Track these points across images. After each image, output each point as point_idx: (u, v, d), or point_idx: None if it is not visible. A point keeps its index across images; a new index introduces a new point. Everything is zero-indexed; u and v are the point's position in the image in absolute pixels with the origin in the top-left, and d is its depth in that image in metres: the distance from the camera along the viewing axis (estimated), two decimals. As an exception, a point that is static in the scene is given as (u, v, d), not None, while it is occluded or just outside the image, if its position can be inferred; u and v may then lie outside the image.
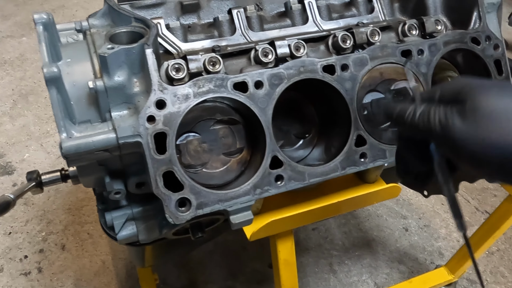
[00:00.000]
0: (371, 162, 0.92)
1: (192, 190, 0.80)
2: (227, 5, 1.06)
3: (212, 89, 0.82)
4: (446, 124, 0.57)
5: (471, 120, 0.55)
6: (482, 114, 0.54)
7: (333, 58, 0.90)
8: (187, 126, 0.88)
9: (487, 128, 0.54)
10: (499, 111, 0.54)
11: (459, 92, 0.59)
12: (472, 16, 1.03)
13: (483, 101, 0.55)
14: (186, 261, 1.80)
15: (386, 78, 0.95)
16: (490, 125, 0.53)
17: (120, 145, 0.78)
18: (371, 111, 0.94)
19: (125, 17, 0.90)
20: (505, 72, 1.02)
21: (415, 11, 1.12)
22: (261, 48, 0.92)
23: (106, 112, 0.83)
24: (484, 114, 0.54)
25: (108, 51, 0.79)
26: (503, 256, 1.86)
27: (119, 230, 0.96)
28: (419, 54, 0.95)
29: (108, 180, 0.88)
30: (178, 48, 0.97)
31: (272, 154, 0.85)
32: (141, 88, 0.83)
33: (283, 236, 1.00)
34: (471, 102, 0.56)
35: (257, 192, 0.84)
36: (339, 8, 1.13)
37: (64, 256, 1.86)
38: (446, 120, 0.57)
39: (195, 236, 0.93)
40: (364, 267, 1.81)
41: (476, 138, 0.54)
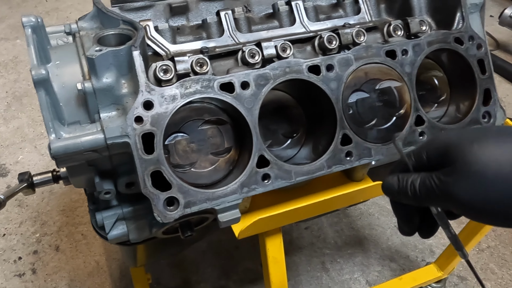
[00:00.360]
0: (357, 161, 0.94)
1: (180, 189, 0.82)
2: (215, 7, 1.08)
3: (199, 89, 0.84)
4: (446, 191, 0.60)
5: (466, 182, 0.58)
6: (475, 174, 0.57)
7: (319, 59, 0.92)
8: (175, 126, 0.90)
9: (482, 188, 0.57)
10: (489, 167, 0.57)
11: (445, 154, 0.63)
12: (455, 16, 1.05)
13: (471, 161, 0.58)
14: (179, 260, 1.81)
15: (371, 77, 0.96)
16: (485, 184, 0.57)
17: (108, 145, 0.80)
18: (356, 110, 0.95)
19: (113, 19, 0.92)
20: (488, 71, 1.03)
21: (401, 12, 1.14)
22: (248, 49, 0.94)
23: (95, 113, 0.85)
24: (477, 173, 0.57)
25: (96, 53, 0.80)
26: (493, 253, 1.89)
27: (110, 229, 0.97)
28: (403, 54, 0.97)
29: (97, 180, 0.89)
30: (166, 49, 0.99)
31: (259, 153, 0.87)
32: (129, 89, 0.84)
33: (271, 234, 1.02)
34: (459, 164, 0.59)
35: (244, 190, 0.86)
36: (326, 9, 1.15)
37: (58, 257, 1.86)
38: (444, 186, 0.60)
39: (184, 235, 0.94)
40: (356, 265, 1.83)
41: (477, 198, 0.57)
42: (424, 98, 1.09)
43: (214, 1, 1.08)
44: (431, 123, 0.99)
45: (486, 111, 1.04)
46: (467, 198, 0.58)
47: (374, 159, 0.95)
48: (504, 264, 1.85)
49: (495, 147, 0.58)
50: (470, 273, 1.81)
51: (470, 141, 0.60)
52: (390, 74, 0.97)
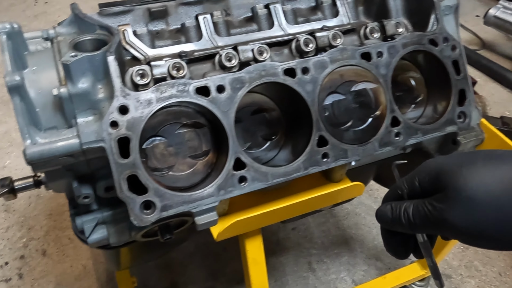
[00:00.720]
0: (333, 162, 0.95)
1: (157, 193, 0.82)
2: (194, 11, 1.09)
3: (174, 94, 0.85)
4: (439, 217, 0.62)
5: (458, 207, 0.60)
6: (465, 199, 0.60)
7: (294, 62, 0.93)
8: (153, 130, 0.91)
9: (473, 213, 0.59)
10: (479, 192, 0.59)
11: (436, 180, 0.65)
12: (430, 18, 1.07)
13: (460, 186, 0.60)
14: (166, 263, 1.82)
15: (347, 80, 0.98)
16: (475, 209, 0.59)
17: (84, 150, 0.80)
18: (332, 112, 0.97)
19: (90, 25, 0.92)
20: (463, 72, 1.05)
21: (379, 14, 1.16)
22: (225, 53, 0.95)
23: (72, 118, 0.85)
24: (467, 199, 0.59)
25: (71, 58, 0.81)
26: (478, 251, 1.91)
27: (90, 234, 0.98)
28: (378, 56, 0.99)
29: (75, 185, 0.90)
30: (145, 54, 0.99)
31: (235, 156, 0.88)
32: (105, 94, 0.85)
33: (251, 236, 1.03)
34: (450, 190, 0.62)
35: (221, 193, 0.87)
36: (305, 12, 1.16)
37: (45, 261, 1.86)
38: (437, 213, 0.62)
39: (163, 238, 0.95)
40: (342, 264, 1.84)
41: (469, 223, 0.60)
42: (402, 99, 1.11)
43: (193, 5, 1.09)
44: (407, 124, 1.01)
45: (461, 111, 1.06)
46: (459, 223, 0.60)
47: (351, 160, 0.96)
48: (488, 261, 1.87)
49: (483, 171, 0.61)
50: (455, 272, 1.83)
51: (459, 166, 0.63)
52: (366, 76, 0.98)
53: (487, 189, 0.59)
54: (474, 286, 1.78)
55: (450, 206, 0.61)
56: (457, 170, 0.62)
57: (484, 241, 0.62)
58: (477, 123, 1.11)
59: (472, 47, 3.38)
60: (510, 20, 3.00)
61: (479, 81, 2.94)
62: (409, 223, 0.67)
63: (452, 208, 0.60)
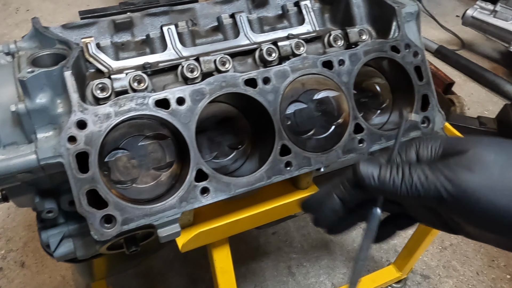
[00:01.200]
0: (296, 170, 0.95)
1: (117, 207, 0.82)
2: (160, 22, 1.09)
3: (133, 107, 0.85)
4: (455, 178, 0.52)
5: (481, 168, 0.52)
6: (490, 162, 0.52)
7: (255, 72, 0.94)
8: (115, 143, 0.91)
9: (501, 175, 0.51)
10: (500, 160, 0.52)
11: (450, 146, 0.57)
12: (391, 25, 1.08)
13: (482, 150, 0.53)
14: (146, 270, 1.81)
15: (309, 88, 0.98)
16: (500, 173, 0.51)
17: (42, 166, 0.80)
18: (295, 121, 0.98)
19: (49, 39, 0.92)
20: (425, 77, 1.07)
21: (344, 21, 1.17)
22: (187, 64, 0.95)
23: (32, 134, 0.85)
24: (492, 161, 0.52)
25: (28, 74, 0.80)
26: (456, 251, 1.93)
27: (56, 248, 0.97)
28: (340, 64, 1.00)
29: (37, 200, 0.90)
30: (109, 66, 0.99)
31: (197, 167, 0.88)
32: (65, 109, 0.85)
33: (218, 245, 1.03)
34: (472, 152, 0.53)
35: (183, 205, 0.87)
36: (272, 21, 1.17)
37: (24, 273, 1.85)
38: (453, 173, 0.52)
39: (129, 250, 0.95)
40: (322, 268, 1.85)
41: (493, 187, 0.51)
42: (367, 104, 1.13)
43: (159, 16, 1.09)
44: (370, 130, 1.02)
45: (425, 116, 1.07)
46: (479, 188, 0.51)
47: (314, 168, 0.97)
48: (466, 261, 1.89)
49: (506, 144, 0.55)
50: (433, 272, 1.85)
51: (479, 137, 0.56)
52: (328, 84, 0.99)
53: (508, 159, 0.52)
54: (452, 286, 1.80)
55: (470, 167, 0.52)
56: (477, 139, 0.56)
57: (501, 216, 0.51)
58: (441, 127, 1.13)
59: (452, 47, 3.42)
60: (487, 20, 3.04)
61: (458, 81, 2.98)
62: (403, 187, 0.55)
63: (472, 170, 0.52)
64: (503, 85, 2.88)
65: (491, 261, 1.90)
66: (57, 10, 3.88)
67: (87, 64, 0.97)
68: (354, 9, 1.14)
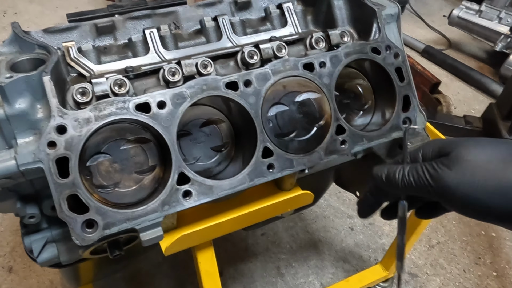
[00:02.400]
0: (279, 172, 0.96)
1: (98, 211, 0.82)
2: (142, 25, 1.09)
3: (114, 111, 0.85)
4: (436, 175, 0.66)
5: (458, 167, 0.64)
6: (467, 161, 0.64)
7: (236, 75, 0.94)
8: (97, 147, 0.90)
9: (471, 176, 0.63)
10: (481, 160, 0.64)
11: (441, 148, 0.70)
12: (372, 27, 1.09)
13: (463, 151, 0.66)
14: (134, 273, 1.81)
15: (290, 90, 0.99)
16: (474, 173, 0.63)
17: (22, 171, 0.80)
18: (277, 123, 0.98)
19: (29, 44, 0.92)
20: (406, 78, 1.08)
21: (326, 23, 1.18)
22: (168, 67, 0.95)
23: (12, 139, 0.84)
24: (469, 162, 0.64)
25: (6, 80, 0.80)
26: (443, 249, 1.95)
27: (39, 253, 0.97)
28: (321, 66, 1.00)
29: (19, 206, 0.89)
30: (91, 70, 0.99)
31: (179, 171, 0.88)
32: (45, 114, 0.85)
33: (202, 248, 1.03)
34: (454, 153, 0.66)
35: (165, 208, 0.87)
36: (255, 23, 1.17)
37: (11, 278, 1.83)
38: (436, 172, 0.66)
39: (112, 254, 0.95)
40: (311, 268, 1.86)
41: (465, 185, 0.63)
42: (350, 106, 1.13)
43: (141, 19, 1.09)
44: (352, 132, 1.02)
45: (406, 117, 1.09)
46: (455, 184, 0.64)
47: (296, 169, 0.97)
48: (453, 258, 1.91)
49: (486, 145, 0.66)
50: (421, 270, 1.87)
51: (464, 140, 0.68)
52: (309, 86, 1.00)
53: (487, 158, 0.64)
54: (439, 283, 1.82)
55: (449, 166, 0.65)
56: (463, 141, 0.68)
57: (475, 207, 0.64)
58: (423, 127, 1.14)
59: (439, 47, 3.46)
60: (473, 20, 3.07)
61: (445, 80, 3.01)
62: (401, 181, 0.71)
63: (450, 168, 0.65)
64: (489, 84, 2.91)
65: (478, 259, 1.92)
66: (45, 13, 3.86)
67: (69, 68, 0.96)
68: (336, 11, 1.15)
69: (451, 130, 2.30)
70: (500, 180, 0.61)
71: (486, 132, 2.28)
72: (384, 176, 0.75)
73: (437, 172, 0.66)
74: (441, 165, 0.66)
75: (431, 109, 2.54)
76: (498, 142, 0.67)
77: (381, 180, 0.76)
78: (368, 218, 0.87)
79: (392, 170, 0.73)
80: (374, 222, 2.06)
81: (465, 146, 0.66)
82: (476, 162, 0.64)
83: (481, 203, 0.63)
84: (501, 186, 0.61)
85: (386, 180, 0.75)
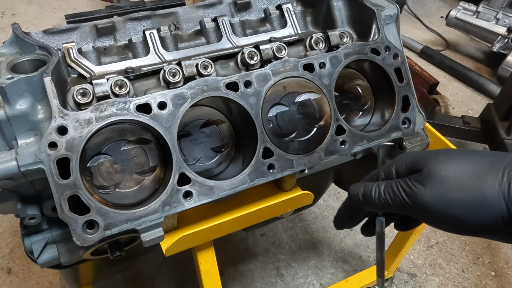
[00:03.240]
0: (279, 173, 0.96)
1: (99, 212, 0.82)
2: (142, 26, 1.09)
3: (114, 112, 0.85)
4: (411, 193, 0.66)
5: (431, 184, 0.64)
6: (439, 179, 0.64)
7: (236, 76, 0.94)
8: (98, 148, 0.90)
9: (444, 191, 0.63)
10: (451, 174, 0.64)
11: (412, 164, 0.70)
12: (371, 28, 1.09)
13: (435, 166, 0.65)
14: (134, 275, 1.81)
15: (290, 91, 0.99)
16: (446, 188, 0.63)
17: (23, 172, 0.80)
18: (277, 124, 0.98)
19: (30, 45, 0.92)
20: (405, 79, 1.08)
21: (326, 24, 1.18)
22: (168, 68, 0.96)
23: (13, 140, 0.85)
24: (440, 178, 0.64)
25: (7, 81, 0.80)
26: (442, 249, 1.95)
27: (39, 254, 0.97)
28: (321, 67, 1.01)
29: (19, 206, 0.89)
30: (91, 71, 0.99)
31: (180, 171, 0.89)
32: (45, 114, 0.85)
33: (202, 248, 1.03)
34: (426, 171, 0.66)
35: (166, 209, 0.87)
36: (254, 24, 1.18)
37: (10, 280, 1.83)
38: (411, 189, 0.66)
39: (113, 255, 0.95)
40: (310, 268, 1.86)
41: (438, 201, 0.63)
42: (349, 106, 1.14)
43: (141, 20, 1.09)
44: (352, 132, 1.03)
45: (405, 117, 1.09)
46: (429, 200, 0.64)
47: (297, 170, 0.97)
48: (452, 258, 1.92)
49: (457, 158, 0.65)
50: (420, 270, 1.87)
51: (436, 154, 0.68)
52: (309, 86, 1.00)
53: (459, 173, 0.63)
54: (438, 283, 1.82)
55: (423, 183, 0.65)
56: (434, 155, 0.68)
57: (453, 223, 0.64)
58: (422, 128, 1.14)
59: (437, 47, 3.47)
60: (470, 21, 3.08)
61: (443, 81, 3.02)
62: (378, 199, 0.71)
63: (425, 186, 0.65)
64: (487, 85, 2.92)
65: (476, 259, 1.92)
66: (43, 14, 3.85)
67: (69, 69, 0.97)
68: (335, 12, 1.15)
69: (449, 131, 2.31)
70: (473, 195, 0.61)
71: (484, 132, 2.29)
72: (360, 196, 0.74)
73: (412, 190, 0.66)
74: (415, 183, 0.66)
75: (429, 110, 2.55)
76: (468, 154, 0.66)
77: (358, 199, 0.75)
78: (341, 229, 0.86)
79: (368, 189, 0.73)
80: (373, 223, 2.06)
81: (436, 161, 0.66)
82: (448, 178, 0.63)
83: (457, 219, 0.62)
84: (476, 200, 0.61)
85: (363, 199, 0.74)
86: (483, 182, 0.61)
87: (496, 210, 0.59)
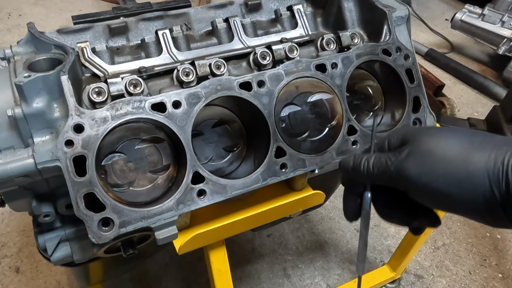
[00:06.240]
0: (292, 172, 0.97)
1: (114, 210, 0.83)
2: (155, 26, 1.10)
3: (130, 111, 0.86)
4: (398, 165, 0.67)
5: (418, 156, 0.65)
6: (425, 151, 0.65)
7: (250, 75, 0.95)
8: (112, 146, 0.91)
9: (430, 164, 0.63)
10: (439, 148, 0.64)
11: (402, 138, 0.71)
12: (383, 29, 1.10)
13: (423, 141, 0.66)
14: (141, 274, 1.81)
15: (302, 91, 1.00)
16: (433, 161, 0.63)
17: (40, 170, 0.81)
18: (289, 123, 0.99)
19: (45, 44, 0.93)
20: (416, 80, 1.09)
21: (336, 25, 1.19)
22: (182, 68, 0.97)
23: (29, 138, 0.85)
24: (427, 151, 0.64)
25: (24, 79, 0.81)
26: (448, 250, 1.95)
27: (52, 252, 0.98)
28: (333, 67, 1.01)
29: (34, 204, 0.90)
30: (105, 70, 1.00)
31: (193, 170, 0.89)
32: (61, 113, 0.86)
33: (214, 247, 1.04)
34: (413, 144, 0.67)
35: (180, 207, 0.88)
36: (265, 25, 1.19)
37: (18, 278, 1.84)
38: (398, 161, 0.67)
39: (126, 253, 0.96)
40: (317, 269, 1.86)
41: (424, 174, 0.63)
42: (360, 107, 1.14)
43: (153, 20, 1.10)
44: (363, 132, 1.03)
45: (416, 118, 1.09)
46: (414, 172, 0.64)
47: (309, 169, 0.98)
48: (459, 260, 1.92)
49: (446, 133, 0.66)
50: (427, 272, 1.87)
51: (426, 129, 0.70)
52: (321, 86, 1.01)
53: (447, 147, 0.63)
54: (445, 285, 1.82)
55: (409, 155, 0.66)
56: (425, 130, 0.70)
57: (435, 196, 0.64)
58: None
59: (442, 50, 3.47)
60: (475, 23, 3.09)
61: (448, 83, 3.02)
62: (367, 171, 0.71)
63: (411, 158, 0.65)
64: (492, 87, 2.92)
65: (483, 260, 1.92)
66: (49, 15, 3.87)
67: (83, 68, 0.98)
68: (346, 13, 1.16)
69: (455, 133, 2.31)
70: (458, 170, 0.61)
71: (490, 134, 2.29)
72: (350, 166, 0.75)
73: (400, 161, 0.66)
74: (404, 154, 0.67)
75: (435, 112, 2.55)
76: (458, 131, 0.67)
77: (347, 169, 0.76)
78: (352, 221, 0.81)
79: (358, 160, 0.73)
80: (380, 224, 2.06)
81: (426, 134, 0.67)
82: (436, 151, 0.64)
83: (441, 193, 0.62)
84: (460, 175, 0.60)
85: (352, 169, 0.74)
86: (470, 158, 0.60)
87: (479, 188, 0.59)
